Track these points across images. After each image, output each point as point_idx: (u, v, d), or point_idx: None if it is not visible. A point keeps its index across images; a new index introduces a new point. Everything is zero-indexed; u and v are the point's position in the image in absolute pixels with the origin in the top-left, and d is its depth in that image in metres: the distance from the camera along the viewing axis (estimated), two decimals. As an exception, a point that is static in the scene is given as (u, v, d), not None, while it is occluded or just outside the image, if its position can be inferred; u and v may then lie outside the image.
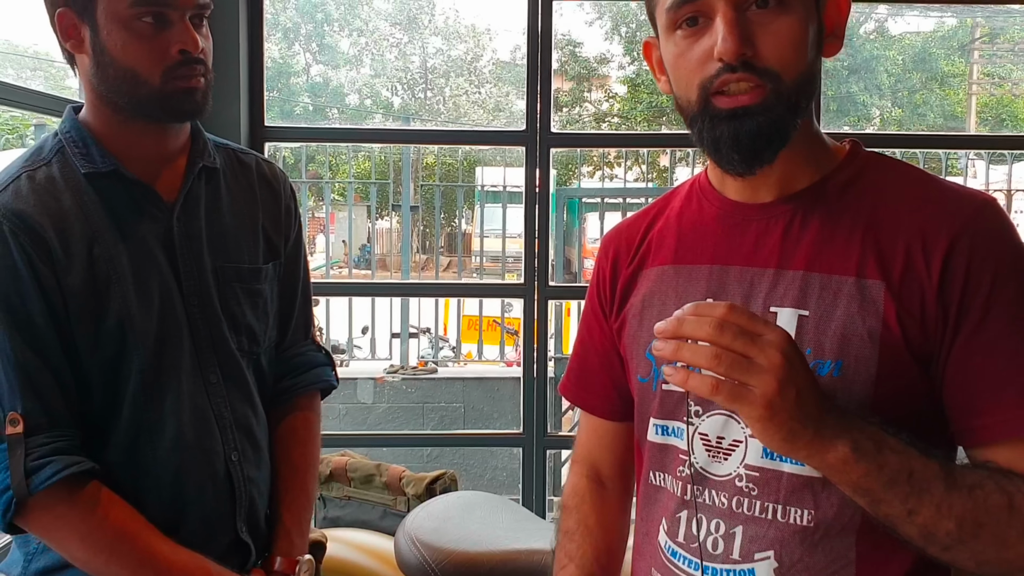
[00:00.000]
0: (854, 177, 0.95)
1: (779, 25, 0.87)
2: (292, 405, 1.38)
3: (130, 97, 1.16)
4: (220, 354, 1.25)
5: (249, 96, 2.39)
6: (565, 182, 15.63)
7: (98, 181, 1.18)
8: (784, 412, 0.74)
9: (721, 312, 0.75)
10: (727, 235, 0.98)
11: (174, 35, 1.15)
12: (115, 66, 1.15)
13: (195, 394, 1.22)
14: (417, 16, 21.92)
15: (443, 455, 4.76)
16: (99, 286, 1.14)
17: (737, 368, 0.74)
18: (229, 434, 1.26)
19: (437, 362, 6.10)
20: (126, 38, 1.14)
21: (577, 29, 26.00)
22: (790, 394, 0.74)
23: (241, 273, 1.29)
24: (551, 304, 2.64)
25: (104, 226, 1.16)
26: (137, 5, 1.13)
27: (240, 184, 1.33)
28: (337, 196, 9.45)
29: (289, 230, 1.39)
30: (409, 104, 22.41)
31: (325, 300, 5.82)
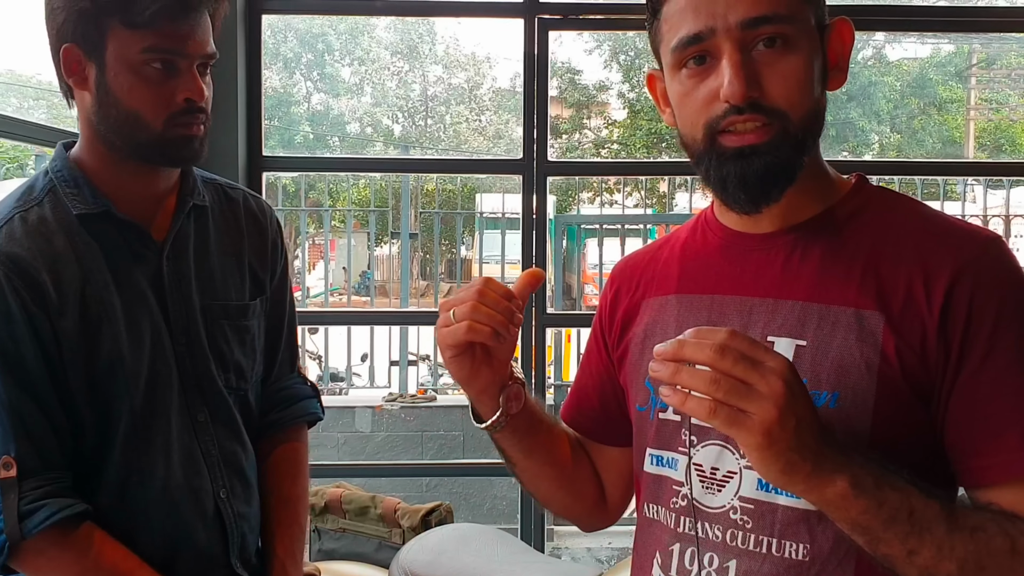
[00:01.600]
0: (857, 210, 0.95)
1: (785, 64, 0.87)
2: (280, 438, 1.39)
3: (129, 139, 1.17)
4: (207, 393, 1.26)
5: (247, 126, 2.40)
6: (565, 208, 15.67)
7: (90, 222, 1.18)
8: (782, 442, 0.73)
9: (722, 337, 0.73)
10: (728, 265, 0.98)
11: (181, 83, 1.16)
12: (119, 107, 1.16)
13: (183, 434, 1.23)
14: (417, 45, 22.09)
15: (442, 484, 4.72)
16: (91, 329, 1.15)
17: (736, 393, 0.72)
18: (217, 472, 1.26)
19: (437, 390, 6.07)
20: (133, 82, 1.15)
21: (577, 57, 26.24)
22: (789, 424, 0.72)
23: (228, 310, 1.29)
24: (550, 331, 2.63)
25: (96, 267, 1.17)
26: (149, 51, 1.14)
27: (227, 220, 1.34)
28: (337, 223, 9.47)
29: (275, 265, 1.39)
30: (410, 132, 22.53)
31: (324, 328, 5.81)
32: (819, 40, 0.90)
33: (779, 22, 0.86)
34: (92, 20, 1.13)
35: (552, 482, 1.11)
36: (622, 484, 1.14)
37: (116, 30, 1.13)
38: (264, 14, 2.43)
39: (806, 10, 0.89)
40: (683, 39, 0.89)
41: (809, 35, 0.89)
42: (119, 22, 1.13)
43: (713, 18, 0.87)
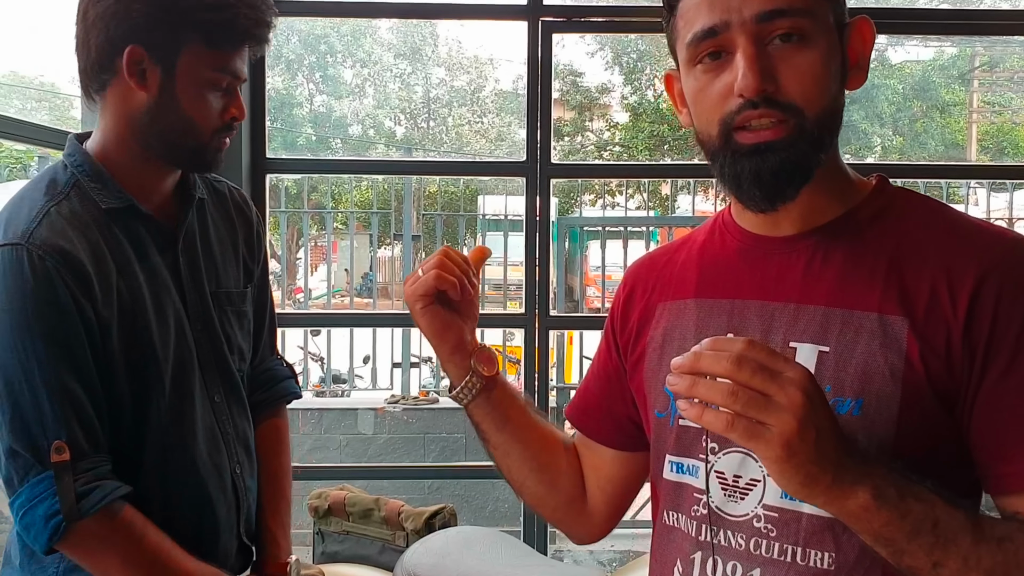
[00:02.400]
0: (880, 212, 0.93)
1: (801, 59, 0.86)
2: (264, 417, 1.50)
3: (175, 143, 1.27)
4: (223, 374, 1.37)
5: (251, 128, 2.40)
6: (567, 210, 15.66)
7: (116, 216, 1.25)
8: (802, 454, 0.71)
9: (740, 347, 0.72)
10: (748, 269, 0.96)
11: (232, 102, 1.29)
12: (178, 113, 1.25)
13: (205, 414, 1.33)
14: (420, 47, 22.10)
15: (444, 486, 4.71)
16: (127, 319, 1.22)
17: (754, 405, 0.71)
18: (233, 448, 1.37)
19: (439, 392, 6.07)
20: (199, 94, 1.25)
21: (579, 59, 26.24)
22: (809, 435, 0.71)
23: (232, 297, 1.40)
24: (553, 333, 2.63)
25: (126, 259, 1.24)
26: (220, 72, 1.25)
27: (220, 212, 1.44)
28: (339, 225, 9.48)
29: (260, 253, 1.50)
30: (412, 134, 22.54)
31: (326, 330, 5.81)
32: (838, 37, 0.89)
33: (795, 15, 0.85)
34: (173, 30, 1.21)
35: (524, 464, 1.11)
36: (609, 489, 1.13)
37: (195, 45, 1.23)
38: (268, 16, 2.43)
39: (824, 6, 0.88)
40: (697, 33, 0.88)
41: (827, 31, 0.87)
42: (201, 39, 1.22)
43: (728, 12, 0.86)
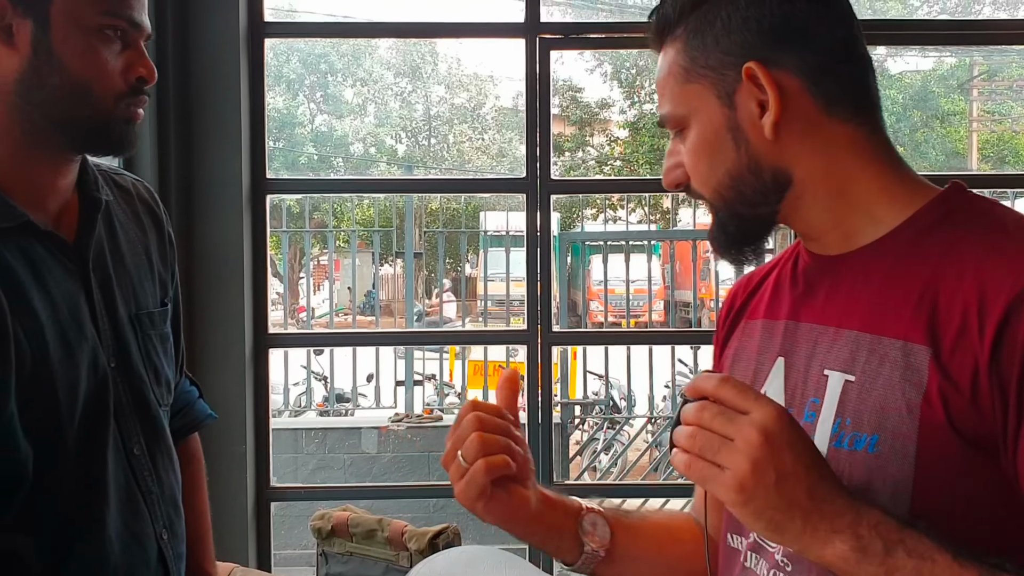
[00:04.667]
0: (932, 225, 0.84)
1: (687, 149, 0.89)
2: (183, 450, 1.28)
3: (66, 113, 1.01)
4: (144, 420, 1.12)
5: (251, 150, 2.41)
6: (569, 225, 15.67)
7: (6, 236, 0.99)
8: (761, 498, 0.69)
9: (710, 387, 0.72)
10: (804, 289, 0.94)
11: (134, 58, 1.03)
12: (64, 74, 0.99)
13: (118, 473, 1.07)
14: (420, 65, 22.21)
15: (449, 505, 4.68)
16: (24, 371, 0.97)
17: (709, 447, 0.70)
18: (157, 510, 1.12)
19: (443, 409, 6.05)
20: (87, 46, 1.00)
21: (578, 75, 26.32)
22: (767, 478, 0.69)
23: (153, 319, 1.16)
24: (556, 349, 2.62)
25: (21, 294, 0.98)
26: (108, 16, 1.01)
27: (127, 215, 1.18)
28: (341, 243, 9.48)
29: (173, 261, 1.26)
30: (413, 151, 22.61)
31: (329, 349, 5.81)
32: (727, 105, 0.86)
33: (671, 119, 0.89)
34: None
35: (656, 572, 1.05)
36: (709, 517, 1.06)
37: None
38: (267, 38, 2.44)
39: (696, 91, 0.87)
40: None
41: (706, 110, 0.87)
42: None
43: None
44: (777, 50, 0.84)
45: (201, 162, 2.34)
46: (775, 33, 0.84)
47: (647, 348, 5.27)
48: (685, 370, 6.29)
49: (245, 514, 2.35)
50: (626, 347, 5.19)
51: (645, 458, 5.98)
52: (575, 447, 6.08)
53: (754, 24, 0.84)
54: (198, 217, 2.32)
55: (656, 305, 9.00)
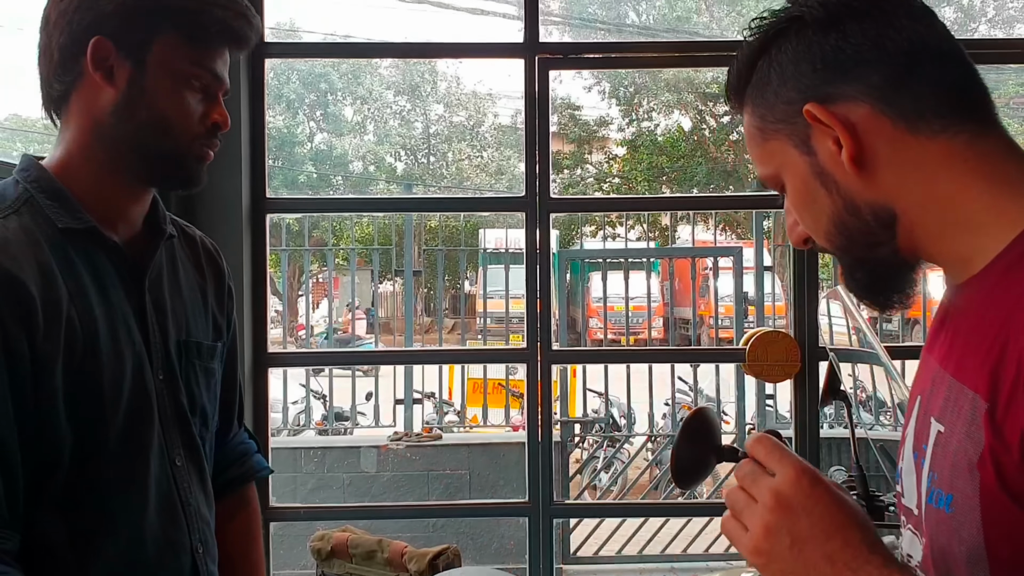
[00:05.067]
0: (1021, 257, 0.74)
1: (789, 203, 0.87)
2: (239, 498, 1.36)
3: (145, 148, 1.13)
4: (184, 434, 1.19)
5: (251, 169, 2.40)
6: (568, 242, 15.69)
7: (74, 238, 1.09)
8: (777, 562, 0.69)
9: (748, 444, 0.73)
10: (938, 323, 0.87)
11: (214, 106, 1.17)
12: (150, 111, 1.12)
13: (161, 478, 1.13)
14: (419, 84, 22.31)
15: (449, 524, 4.67)
16: (74, 355, 1.04)
17: (736, 506, 0.72)
18: (195, 523, 1.18)
19: (442, 427, 6.03)
20: (174, 89, 1.13)
21: (576, 92, 26.42)
22: (780, 542, 0.68)
23: (201, 350, 1.24)
24: (556, 367, 2.61)
25: (81, 288, 1.08)
26: (199, 67, 1.14)
27: (188, 259, 1.30)
28: (340, 261, 9.49)
29: (231, 311, 1.36)
30: (412, 169, 22.68)
31: (328, 367, 5.80)
32: (807, 152, 0.83)
33: (768, 180, 0.88)
34: (142, 20, 1.10)
35: None
36: None
37: (170, 37, 1.11)
38: (267, 58, 2.45)
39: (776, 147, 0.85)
40: None
41: (791, 163, 0.84)
42: (177, 31, 1.12)
43: None
44: (836, 83, 0.79)
45: (201, 181, 2.33)
46: (829, 67, 0.80)
47: (647, 366, 5.26)
48: (685, 387, 6.28)
49: (244, 534, 2.34)
50: (626, 365, 5.18)
51: (645, 476, 5.96)
52: (575, 465, 6.06)
53: (806, 66, 0.81)
54: (198, 236, 2.32)
55: (655, 322, 9.01)
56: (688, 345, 9.04)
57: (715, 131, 20.29)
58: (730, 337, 6.32)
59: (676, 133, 20.03)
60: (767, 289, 6.19)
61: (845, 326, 1.62)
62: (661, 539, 5.20)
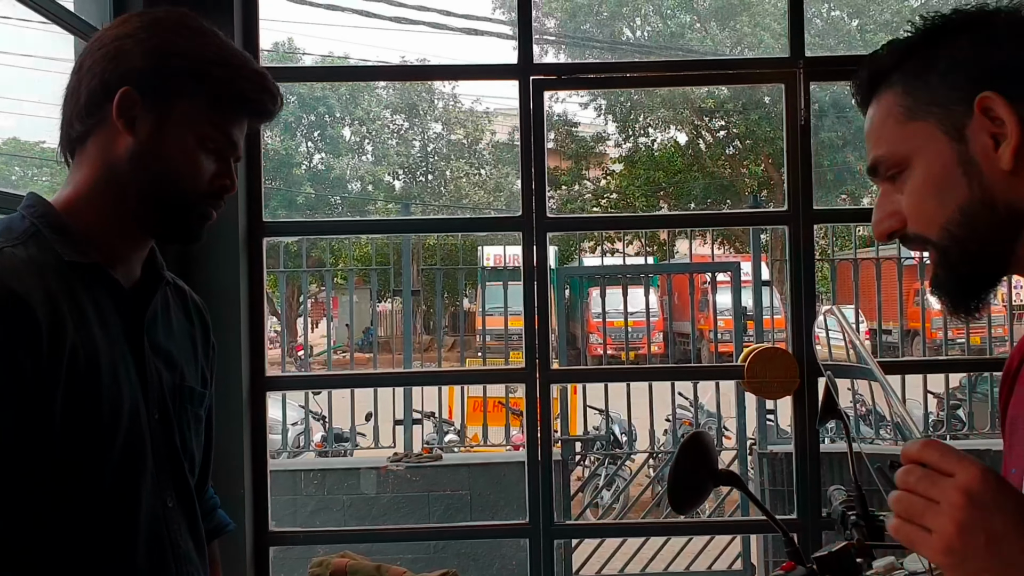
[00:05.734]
0: None
1: (907, 191, 0.87)
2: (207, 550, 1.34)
3: (152, 197, 1.16)
4: (176, 477, 1.20)
5: (247, 193, 2.41)
6: (567, 257, 15.71)
7: (79, 272, 1.11)
8: (972, 561, 0.69)
9: (912, 451, 0.72)
10: None
11: (225, 170, 1.21)
12: (164, 162, 1.16)
13: (151, 519, 1.13)
14: (417, 103, 22.42)
15: (449, 545, 4.64)
16: (77, 381, 1.05)
17: (915, 511, 0.71)
18: (183, 567, 1.17)
19: (443, 447, 6.01)
20: (189, 147, 1.17)
21: (573, 109, 26.55)
22: (975, 540, 0.68)
23: (193, 395, 1.27)
24: (556, 385, 2.61)
25: (84, 318, 1.09)
26: (216, 129, 1.18)
27: (180, 307, 1.33)
28: (339, 280, 9.50)
29: (213, 365, 1.39)
30: (411, 188, 22.74)
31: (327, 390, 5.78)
32: (956, 140, 0.85)
33: (888, 161, 0.89)
34: (173, 78, 1.15)
35: None
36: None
37: (196, 99, 1.16)
38: (262, 82, 2.46)
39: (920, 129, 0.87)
40: None
41: (933, 147, 0.86)
42: (203, 94, 1.16)
43: None
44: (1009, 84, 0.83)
45: (198, 206, 2.34)
46: (1005, 69, 0.84)
47: (647, 383, 5.25)
48: (685, 403, 6.26)
49: (244, 559, 2.33)
50: (626, 382, 5.17)
51: (648, 493, 5.93)
52: (577, 483, 6.03)
53: (983, 62, 0.84)
54: (194, 261, 2.32)
55: (655, 337, 9.00)
56: (688, 360, 9.03)
57: (711, 146, 20.36)
58: (730, 351, 6.31)
59: (672, 148, 20.11)
60: (765, 303, 6.19)
61: (842, 343, 1.62)
62: (664, 557, 5.18)
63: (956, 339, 6.23)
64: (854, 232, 6.70)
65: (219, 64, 1.16)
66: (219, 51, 1.18)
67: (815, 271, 2.52)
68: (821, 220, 2.65)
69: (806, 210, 2.42)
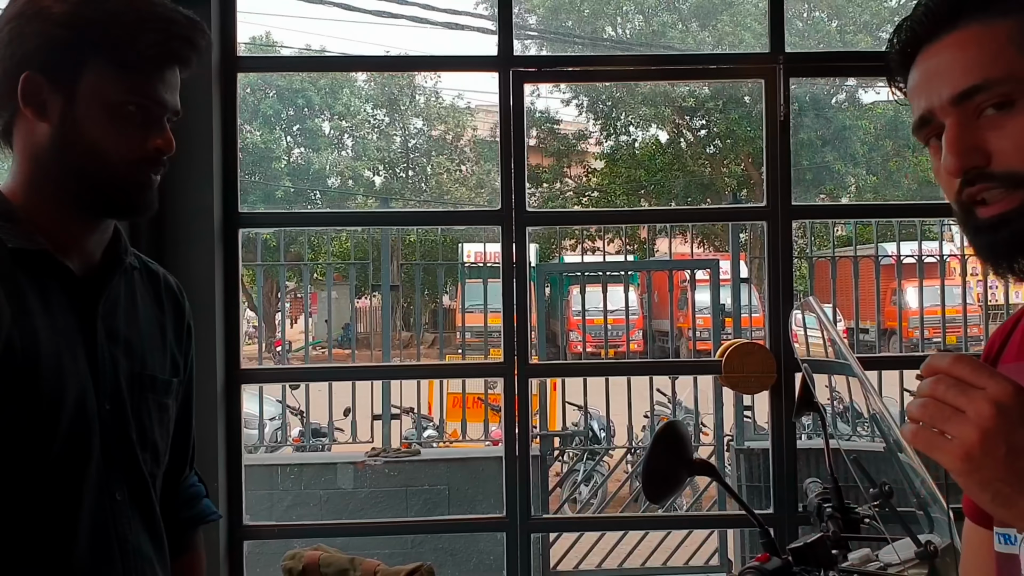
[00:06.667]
0: None
1: (1012, 126, 0.83)
2: (186, 543, 1.33)
3: (86, 179, 1.11)
4: (129, 469, 1.15)
5: (223, 184, 2.39)
6: (547, 256, 15.71)
7: (24, 259, 1.07)
8: (988, 469, 0.69)
9: (943, 363, 0.73)
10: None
11: (153, 131, 1.13)
12: (83, 143, 1.10)
13: (97, 512, 1.09)
14: (398, 98, 22.32)
15: (427, 540, 4.63)
16: (8, 373, 1.02)
17: (940, 417, 0.71)
18: (131, 561, 1.13)
19: (421, 443, 5.99)
20: (106, 120, 1.10)
21: (555, 106, 26.59)
22: (996, 450, 0.69)
23: (155, 384, 1.21)
24: (535, 380, 2.60)
25: (24, 310, 1.05)
26: (132, 94, 1.11)
27: (150, 292, 1.27)
28: (318, 276, 9.44)
29: (189, 349, 1.33)
30: (391, 184, 22.65)
31: (305, 383, 5.75)
32: None
33: (996, 86, 0.83)
34: (70, 51, 1.08)
35: None
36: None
37: (97, 66, 1.09)
38: (240, 72, 2.43)
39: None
40: (915, 123, 0.89)
41: None
42: (104, 59, 1.09)
43: (931, 97, 0.86)
44: None
45: (172, 196, 2.31)
46: None
47: (626, 378, 5.26)
48: (664, 400, 6.28)
49: (217, 554, 2.30)
50: (605, 378, 5.18)
51: (625, 489, 5.95)
52: (555, 478, 6.04)
53: None
54: (169, 251, 2.29)
55: (635, 335, 9.01)
56: (667, 357, 9.07)
57: (692, 145, 20.44)
58: (708, 349, 6.35)
59: (653, 147, 20.17)
60: (744, 301, 6.22)
61: (819, 337, 1.62)
62: (641, 552, 5.19)
63: (932, 338, 6.29)
64: (832, 230, 6.74)
65: (115, 24, 1.09)
66: (114, 8, 1.09)
67: (793, 268, 2.53)
68: (800, 216, 2.66)
69: (784, 205, 2.43)
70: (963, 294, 5.64)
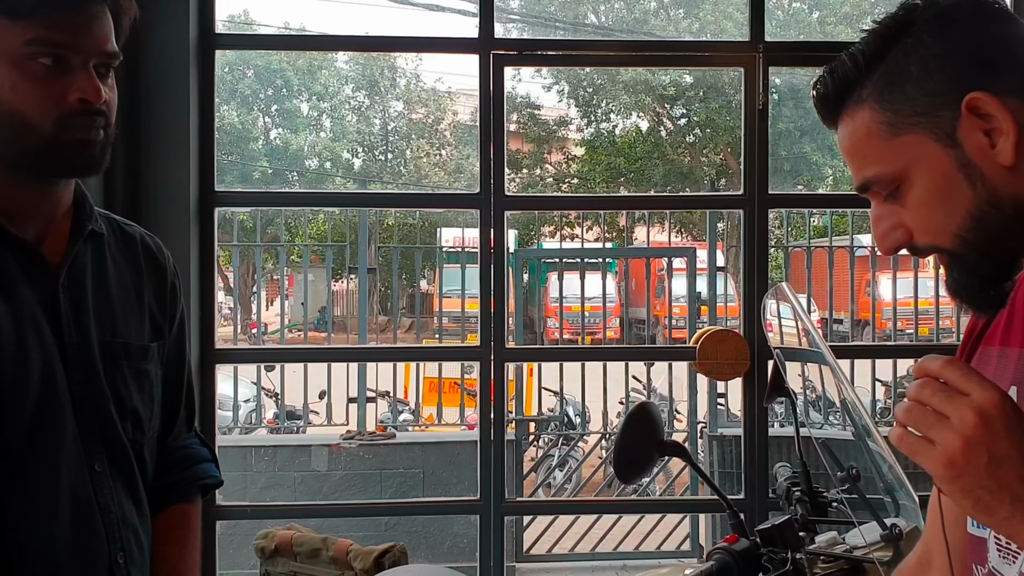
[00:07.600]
0: None
1: (909, 207, 0.85)
2: (177, 508, 1.27)
3: (15, 145, 1.04)
4: (108, 439, 1.12)
5: (199, 162, 2.37)
6: (527, 242, 15.73)
7: None
8: (969, 477, 0.70)
9: (933, 366, 0.73)
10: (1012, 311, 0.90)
11: (74, 81, 1.04)
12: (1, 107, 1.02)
13: (77, 484, 1.07)
14: (378, 80, 22.16)
15: (401, 523, 4.64)
16: None
17: (924, 422, 0.72)
18: (116, 531, 1.11)
19: (397, 426, 5.99)
20: (16, 78, 1.02)
21: (536, 92, 26.51)
22: (978, 458, 0.70)
23: (129, 350, 1.17)
24: (511, 365, 2.61)
25: None
26: (33, 44, 1.01)
27: (125, 256, 1.22)
28: (295, 258, 9.37)
29: (175, 310, 1.29)
30: (370, 166, 22.51)
31: (280, 365, 5.73)
32: (951, 145, 0.83)
33: (876, 184, 0.86)
34: None
35: None
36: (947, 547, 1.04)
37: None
38: (218, 49, 2.41)
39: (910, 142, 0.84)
40: None
41: (928, 157, 0.84)
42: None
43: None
44: (992, 76, 0.81)
45: (148, 174, 2.30)
46: (981, 62, 0.82)
47: (601, 364, 5.29)
48: (639, 386, 6.32)
49: (189, 534, 2.30)
50: (581, 363, 5.20)
51: (599, 474, 5.98)
52: (529, 463, 6.06)
53: (955, 59, 0.82)
54: (144, 228, 2.27)
55: (612, 322, 9.04)
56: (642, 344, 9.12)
57: (672, 133, 20.48)
58: (684, 337, 6.38)
59: (634, 134, 20.19)
60: (720, 290, 6.26)
61: (792, 324, 1.64)
62: (614, 536, 5.23)
63: (905, 330, 6.36)
64: (808, 220, 6.78)
65: None
66: None
67: (769, 257, 2.55)
68: (776, 204, 2.68)
69: (761, 194, 2.45)
70: (935, 286, 5.71)
